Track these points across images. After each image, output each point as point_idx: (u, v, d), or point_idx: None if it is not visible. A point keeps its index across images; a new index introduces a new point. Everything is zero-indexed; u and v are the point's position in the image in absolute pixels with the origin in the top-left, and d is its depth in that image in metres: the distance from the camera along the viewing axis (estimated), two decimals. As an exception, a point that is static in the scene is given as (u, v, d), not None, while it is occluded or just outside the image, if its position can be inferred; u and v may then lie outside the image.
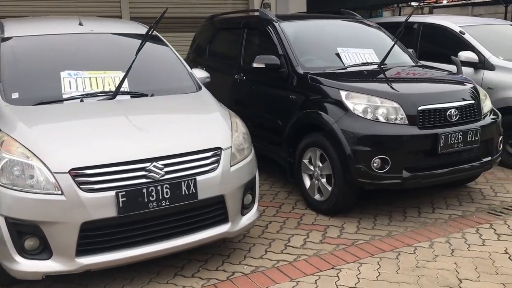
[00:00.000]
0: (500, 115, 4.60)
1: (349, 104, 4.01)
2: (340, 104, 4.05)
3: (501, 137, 4.50)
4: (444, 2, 26.12)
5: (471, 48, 6.02)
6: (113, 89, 3.50)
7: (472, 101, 4.23)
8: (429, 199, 4.63)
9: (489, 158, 4.32)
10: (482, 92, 4.53)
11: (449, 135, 3.95)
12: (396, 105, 3.95)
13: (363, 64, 4.77)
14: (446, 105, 4.04)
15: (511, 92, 5.54)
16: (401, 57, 5.28)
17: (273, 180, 5.25)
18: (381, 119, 3.93)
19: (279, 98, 4.76)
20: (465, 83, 4.51)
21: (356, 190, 4.09)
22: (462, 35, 6.20)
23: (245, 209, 3.38)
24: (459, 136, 4.01)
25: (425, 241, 3.69)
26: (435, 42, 6.73)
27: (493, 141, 4.35)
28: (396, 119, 3.94)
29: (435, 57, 6.36)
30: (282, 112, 4.67)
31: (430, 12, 31.08)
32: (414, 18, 7.11)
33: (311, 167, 4.33)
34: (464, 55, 5.89)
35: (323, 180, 4.21)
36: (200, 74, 4.28)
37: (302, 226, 4.06)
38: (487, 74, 5.83)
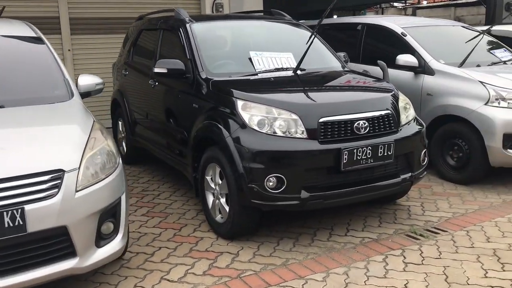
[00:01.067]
0: (424, 125, 4.17)
1: (244, 115, 3.56)
2: (236, 115, 3.61)
3: (425, 149, 4.07)
4: (424, 3, 25.70)
5: (412, 51, 5.60)
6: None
7: (387, 112, 3.79)
8: (348, 218, 4.20)
9: (409, 174, 3.89)
10: (403, 101, 4.09)
11: (355, 150, 3.51)
12: (294, 116, 3.51)
13: (277, 69, 4.32)
14: (353, 116, 3.60)
15: (450, 99, 5.11)
16: (328, 62, 4.85)
17: (190, 196, 4.80)
18: (279, 132, 3.48)
19: (184, 106, 4.31)
20: (384, 91, 4.08)
21: (255, 211, 3.64)
22: (404, 36, 5.77)
23: (102, 240, 2.91)
24: (368, 151, 3.57)
25: (321, 272, 3.24)
26: (378, 45, 6.31)
27: (413, 155, 3.91)
28: (296, 132, 3.50)
29: (376, 60, 5.93)
30: (187, 122, 4.22)
31: (413, 14, 30.84)
32: (358, 19, 6.69)
33: (213, 185, 3.89)
34: (403, 58, 5.47)
35: (222, 200, 3.76)
36: (86, 80, 3.81)
37: (193, 253, 3.60)
38: (427, 79, 5.41)
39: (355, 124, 3.59)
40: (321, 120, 3.50)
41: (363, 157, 3.55)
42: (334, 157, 3.47)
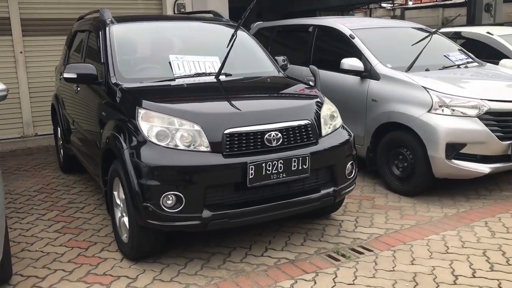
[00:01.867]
0: (352, 135, 3.86)
1: (144, 126, 3.25)
2: (136, 126, 3.29)
3: (353, 161, 3.76)
4: (410, 4, 25.47)
5: (359, 54, 5.29)
6: None
7: (306, 121, 3.48)
8: (273, 234, 3.89)
9: (332, 188, 3.58)
10: (329, 109, 3.79)
11: (263, 164, 3.20)
12: (197, 127, 3.19)
13: (197, 75, 4.01)
14: (264, 127, 3.28)
15: (395, 105, 4.81)
16: (261, 66, 4.53)
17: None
18: (181, 145, 3.17)
19: (97, 114, 4.00)
20: (307, 99, 3.78)
21: (157, 231, 3.32)
22: (352, 39, 5.47)
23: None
24: (279, 165, 3.26)
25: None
26: (328, 47, 6.02)
27: (335, 168, 3.60)
28: (201, 145, 3.19)
29: (327, 64, 5.64)
30: (98, 131, 3.91)
31: (402, 14, 30.60)
32: (309, 20, 6.39)
33: (118, 201, 3.57)
34: (348, 62, 5.16)
35: (125, 218, 3.45)
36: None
37: (89, 277, 3.28)
38: (372, 84, 5.10)
39: (266, 136, 3.28)
40: (226, 131, 3.19)
41: (273, 172, 3.24)
42: (240, 172, 3.16)
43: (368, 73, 5.13)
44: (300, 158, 3.32)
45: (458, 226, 4.01)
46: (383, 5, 29.46)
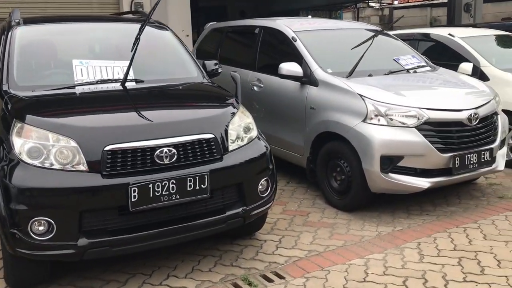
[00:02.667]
0: (268, 148, 3.52)
1: (16, 142, 2.88)
2: (10, 141, 2.93)
3: (268, 177, 3.41)
4: (396, 3, 25.16)
5: (300, 58, 4.95)
6: None
7: (208, 135, 3.13)
8: (182, 258, 3.54)
9: (241, 209, 3.24)
10: (243, 121, 3.44)
11: (150, 185, 2.85)
12: (74, 143, 2.84)
13: (102, 81, 3.65)
14: (153, 143, 2.93)
15: (332, 114, 4.46)
16: (186, 72, 4.17)
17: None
18: (56, 164, 2.81)
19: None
20: (217, 109, 3.45)
21: (33, 261, 2.96)
22: (294, 42, 5.12)
23: None
24: (171, 186, 2.91)
25: None
26: (272, 50, 5.67)
27: (244, 186, 3.25)
28: (78, 163, 2.83)
29: (271, 68, 5.28)
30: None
31: (391, 14, 30.29)
32: (256, 21, 6.04)
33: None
34: (286, 67, 4.81)
35: (7, 243, 3.09)
36: None
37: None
38: (311, 91, 4.75)
39: (157, 152, 2.93)
40: (107, 148, 2.84)
41: (164, 193, 2.89)
42: (122, 195, 2.81)
43: (308, 78, 4.78)
44: (197, 177, 2.98)
45: (388, 247, 3.67)
46: (371, 4, 29.12)
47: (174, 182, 2.91)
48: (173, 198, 2.92)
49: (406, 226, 4.08)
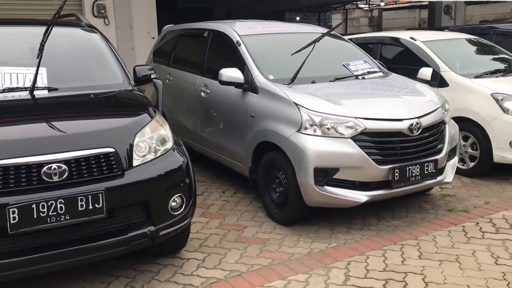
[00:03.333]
0: (185, 161, 3.27)
1: None
2: None
3: (182, 193, 3.17)
4: (382, 5, 25.01)
5: (243, 63, 4.72)
6: None
7: (107, 150, 2.89)
8: (91, 279, 3.30)
9: (147, 229, 3.00)
10: (155, 133, 3.19)
11: (33, 206, 2.60)
12: None
13: (9, 90, 3.41)
14: (39, 159, 2.69)
15: (270, 123, 4.23)
16: (110, 78, 3.93)
17: None
18: None
19: None
20: (126, 118, 3.21)
21: None
22: (238, 46, 4.89)
23: None
24: (59, 206, 2.66)
25: None
26: (219, 55, 5.44)
27: (151, 203, 3.02)
28: (-43, 181, 2.60)
29: (217, 74, 5.04)
30: None
31: (380, 16, 30.13)
32: (206, 24, 5.81)
33: None
34: (226, 73, 4.57)
35: None
36: None
37: None
38: (251, 99, 4.52)
39: (44, 169, 2.70)
40: (-16, 165, 2.60)
41: (51, 214, 2.66)
42: (1, 216, 2.57)
43: (249, 85, 4.55)
44: (90, 196, 2.74)
45: (315, 267, 3.44)
46: (360, 6, 28.95)
47: (63, 201, 2.67)
48: (62, 219, 2.68)
49: (342, 242, 3.85)
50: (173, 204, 3.14)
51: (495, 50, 6.65)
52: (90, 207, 2.75)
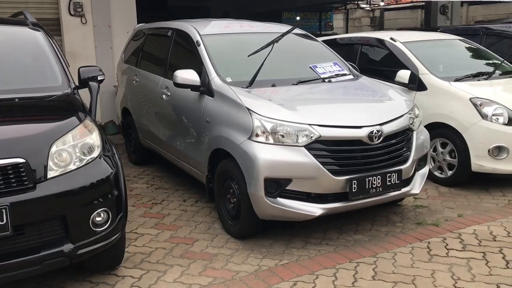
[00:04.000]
0: (113, 171, 3.00)
1: None
2: None
3: (106, 208, 2.90)
4: (381, 4, 24.64)
5: (201, 64, 4.44)
6: None
7: (16, 160, 2.62)
8: (13, 300, 3.05)
9: (61, 247, 2.73)
10: (76, 139, 2.92)
11: None
12: None
13: None
14: None
15: (223, 129, 3.94)
16: (48, 80, 3.66)
17: None
18: None
19: None
20: (45, 123, 2.96)
21: None
22: (197, 46, 4.62)
23: None
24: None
25: None
26: (181, 55, 5.16)
27: (67, 219, 2.75)
28: None
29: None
30: None
31: (381, 16, 29.74)
32: (170, 24, 5.53)
33: None
34: (180, 75, 4.29)
35: None
36: None
37: None
38: (207, 102, 4.24)
39: None
40: None
41: None
42: None
43: (205, 88, 4.27)
44: (-5, 211, 2.48)
45: (257, 288, 3.16)
46: (362, 6, 28.58)
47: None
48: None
49: (295, 259, 3.57)
50: (97, 219, 2.88)
51: (480, 52, 6.33)
52: (-4, 223, 2.48)
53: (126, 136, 6.49)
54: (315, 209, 3.59)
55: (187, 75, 4.27)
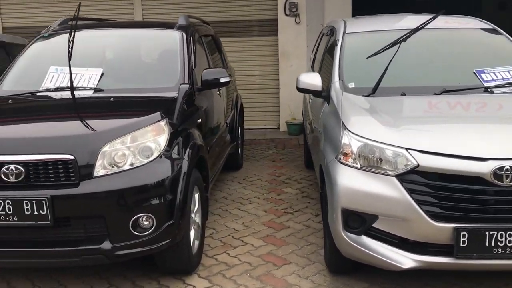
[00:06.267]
0: (169, 175, 2.94)
1: None
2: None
3: (148, 213, 2.85)
4: None
5: (332, 66, 3.93)
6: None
7: (66, 156, 2.80)
8: (87, 282, 3.31)
9: (100, 245, 2.81)
10: (136, 140, 2.96)
11: (-17, 203, 2.75)
12: None
13: (60, 89, 3.69)
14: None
15: (325, 142, 3.40)
16: (167, 82, 3.83)
17: None
18: None
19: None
20: (109, 124, 3.11)
21: None
22: (335, 45, 4.09)
23: None
24: (7, 206, 2.73)
25: None
26: (325, 56, 4.64)
27: (106, 220, 2.80)
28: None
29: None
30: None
31: None
32: (333, 22, 5.04)
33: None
34: (302, 79, 3.90)
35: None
36: None
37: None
38: (324, 110, 3.73)
39: (3, 169, 2.79)
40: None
41: (0, 213, 2.75)
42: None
43: (327, 93, 3.75)
44: (35, 202, 2.73)
45: None
46: None
47: (10, 203, 2.74)
48: (10, 220, 2.76)
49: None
50: (139, 223, 2.86)
51: None
52: (35, 212, 2.74)
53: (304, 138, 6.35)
54: (405, 260, 2.75)
55: (308, 79, 3.85)
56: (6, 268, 3.39)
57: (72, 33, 3.45)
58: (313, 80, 3.83)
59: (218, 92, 4.67)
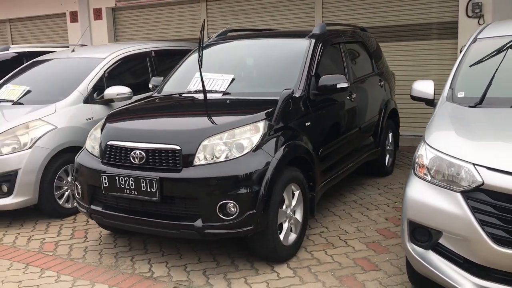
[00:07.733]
0: (258, 169, 3.34)
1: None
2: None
3: (233, 201, 3.27)
4: None
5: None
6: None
7: (174, 147, 3.43)
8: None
9: (194, 222, 3.35)
10: (234, 137, 3.44)
11: (116, 178, 3.54)
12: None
13: (197, 91, 4.37)
14: (130, 145, 3.58)
15: (422, 152, 3.30)
16: (287, 86, 4.19)
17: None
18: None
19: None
20: (217, 122, 3.63)
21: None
22: (460, 52, 3.84)
23: None
24: (131, 182, 3.50)
25: None
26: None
27: (199, 202, 3.35)
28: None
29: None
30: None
31: None
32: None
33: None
34: (416, 86, 3.79)
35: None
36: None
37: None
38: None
39: (131, 153, 3.58)
40: (108, 142, 3.73)
41: (126, 187, 3.50)
42: (97, 179, 3.67)
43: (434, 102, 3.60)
44: (148, 180, 3.42)
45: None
46: None
47: (133, 180, 3.48)
48: (132, 193, 3.51)
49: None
50: (225, 208, 3.30)
51: None
52: (148, 189, 3.43)
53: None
54: (466, 283, 2.58)
55: (421, 87, 3.74)
56: (143, 234, 4.23)
57: (200, 46, 4.07)
58: (426, 88, 3.70)
59: (348, 97, 4.78)
